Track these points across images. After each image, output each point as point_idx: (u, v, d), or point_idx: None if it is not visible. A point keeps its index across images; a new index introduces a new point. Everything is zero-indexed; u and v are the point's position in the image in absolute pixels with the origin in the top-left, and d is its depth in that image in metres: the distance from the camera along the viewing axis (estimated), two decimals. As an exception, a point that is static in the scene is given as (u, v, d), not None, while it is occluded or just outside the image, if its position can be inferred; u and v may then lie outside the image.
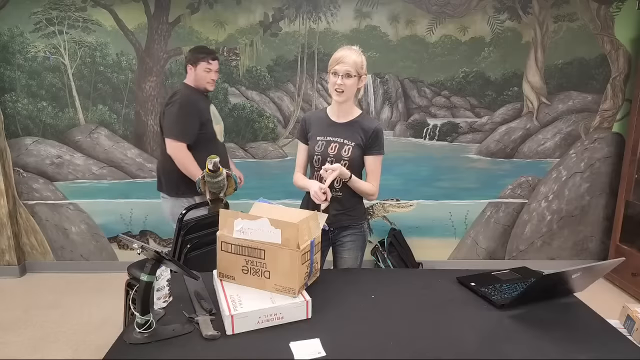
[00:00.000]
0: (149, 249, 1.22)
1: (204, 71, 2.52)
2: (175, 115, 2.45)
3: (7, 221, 3.37)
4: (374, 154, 1.89)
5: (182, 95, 2.50)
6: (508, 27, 3.22)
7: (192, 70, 2.54)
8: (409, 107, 3.41)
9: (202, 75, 2.53)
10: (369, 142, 1.86)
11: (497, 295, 1.51)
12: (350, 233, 1.96)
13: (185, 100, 2.47)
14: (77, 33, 3.19)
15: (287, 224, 1.34)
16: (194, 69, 2.53)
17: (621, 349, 1.25)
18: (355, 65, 1.77)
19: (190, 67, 2.54)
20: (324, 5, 3.17)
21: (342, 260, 1.99)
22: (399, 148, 3.42)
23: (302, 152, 2.00)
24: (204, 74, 2.53)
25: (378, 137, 1.87)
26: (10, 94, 3.28)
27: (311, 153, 1.91)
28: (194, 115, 2.48)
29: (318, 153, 1.87)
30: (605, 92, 3.33)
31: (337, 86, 1.77)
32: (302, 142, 1.99)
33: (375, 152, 1.88)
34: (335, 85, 1.77)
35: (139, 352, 1.19)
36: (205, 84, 2.56)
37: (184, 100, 2.47)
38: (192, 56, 2.54)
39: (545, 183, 3.50)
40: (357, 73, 1.79)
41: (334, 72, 1.78)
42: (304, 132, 1.97)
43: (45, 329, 2.71)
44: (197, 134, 2.49)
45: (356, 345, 1.24)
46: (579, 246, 3.60)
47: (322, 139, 1.89)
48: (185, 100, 2.47)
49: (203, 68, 2.52)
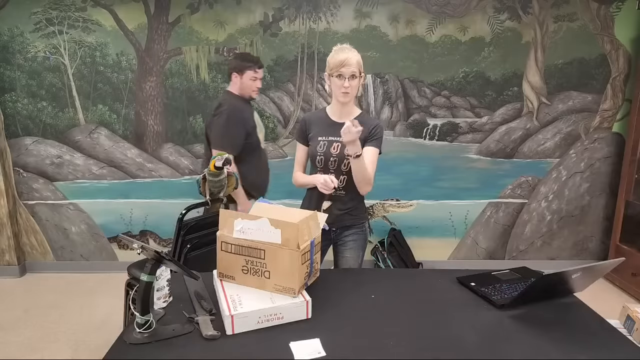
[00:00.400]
0: (149, 249, 1.22)
1: (250, 80, 2.51)
2: (222, 127, 2.44)
3: (7, 221, 3.37)
4: (372, 146, 1.88)
5: (228, 105, 2.48)
6: (508, 27, 3.22)
7: (237, 78, 2.52)
8: (409, 107, 3.41)
9: (248, 83, 2.52)
10: (370, 134, 1.87)
11: (497, 295, 1.51)
12: (352, 232, 1.97)
13: (232, 110, 2.46)
14: (77, 33, 3.19)
15: (287, 224, 1.34)
16: (239, 77, 2.51)
17: (621, 349, 1.25)
18: (358, 64, 1.79)
19: (235, 75, 2.52)
20: (324, 5, 3.18)
21: (343, 260, 1.99)
22: (399, 148, 3.42)
23: (301, 152, 2.00)
24: (250, 82, 2.51)
25: (377, 132, 1.88)
26: (10, 94, 3.28)
27: (313, 154, 1.91)
28: (240, 126, 2.47)
29: (320, 153, 1.88)
30: (605, 92, 3.33)
31: (345, 89, 1.78)
32: (301, 143, 1.99)
33: (374, 144, 1.88)
34: (342, 88, 1.78)
35: (139, 352, 1.19)
36: (250, 92, 2.56)
37: (231, 111, 2.45)
38: (238, 64, 2.52)
39: (545, 183, 3.50)
40: (360, 72, 1.81)
41: (339, 74, 1.78)
42: (304, 133, 1.96)
43: (45, 329, 2.71)
44: (243, 144, 2.48)
45: (356, 345, 1.24)
46: (579, 246, 3.60)
47: (323, 139, 1.89)
48: (232, 111, 2.46)
49: (249, 76, 2.50)
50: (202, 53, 3.25)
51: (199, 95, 3.32)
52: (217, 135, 2.46)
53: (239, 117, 2.48)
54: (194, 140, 3.41)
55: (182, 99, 3.33)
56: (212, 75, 3.29)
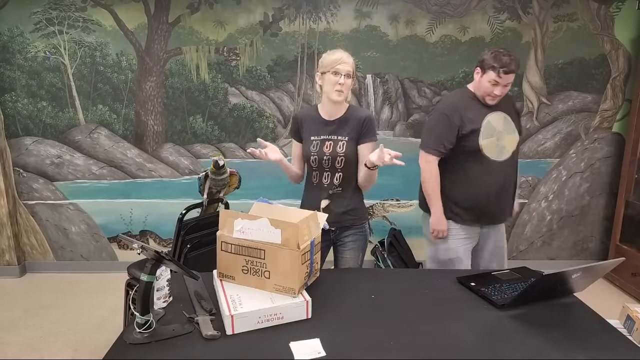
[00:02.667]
0: (149, 249, 1.22)
1: (489, 82, 1.97)
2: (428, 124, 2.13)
3: (7, 221, 3.37)
4: (367, 142, 1.89)
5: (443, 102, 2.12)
6: (508, 27, 3.22)
7: (478, 75, 2.04)
8: (409, 107, 3.41)
9: (485, 85, 1.99)
10: (362, 131, 1.87)
11: (497, 295, 1.51)
12: (352, 233, 1.97)
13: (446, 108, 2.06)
14: (77, 33, 3.19)
15: (287, 224, 1.34)
16: (480, 74, 2.02)
17: (621, 349, 1.25)
18: (353, 66, 1.82)
19: (477, 70, 2.04)
20: (324, 5, 3.17)
21: (343, 260, 1.99)
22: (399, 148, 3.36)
23: (297, 148, 2.01)
24: (487, 85, 1.98)
25: (370, 125, 1.89)
26: (10, 94, 3.28)
27: (307, 153, 1.91)
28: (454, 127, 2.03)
29: (314, 153, 1.88)
30: (605, 92, 3.33)
31: (340, 86, 1.78)
32: (295, 140, 2.00)
33: (368, 139, 1.89)
34: (337, 85, 1.78)
35: (139, 352, 1.19)
36: (485, 96, 2.03)
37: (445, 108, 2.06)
38: (483, 60, 2.00)
39: (545, 183, 3.50)
40: (354, 72, 1.83)
41: (334, 71, 1.78)
42: (297, 131, 1.97)
43: (45, 329, 2.71)
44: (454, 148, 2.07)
45: (356, 345, 1.24)
46: (579, 246, 3.60)
47: (316, 138, 1.89)
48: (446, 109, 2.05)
49: (489, 78, 1.96)
50: (202, 53, 3.25)
51: (199, 95, 3.32)
52: (423, 133, 2.14)
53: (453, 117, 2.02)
54: (194, 140, 3.41)
55: (182, 99, 3.33)
56: (212, 75, 3.29)
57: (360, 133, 1.87)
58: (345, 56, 1.80)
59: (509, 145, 2.05)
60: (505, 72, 1.90)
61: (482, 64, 1.99)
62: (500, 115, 2.03)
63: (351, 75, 1.80)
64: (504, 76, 1.91)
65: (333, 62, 1.78)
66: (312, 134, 1.90)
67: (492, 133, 2.01)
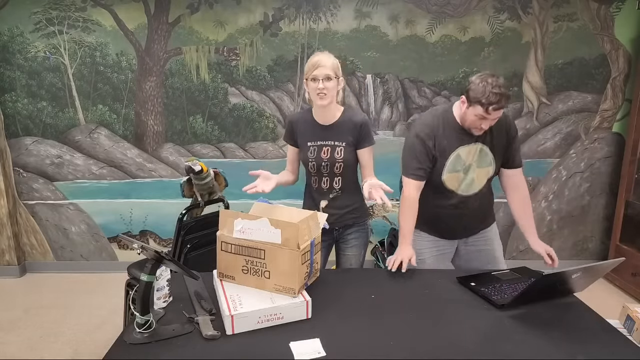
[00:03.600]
0: (149, 249, 1.22)
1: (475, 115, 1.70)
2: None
3: (7, 221, 3.37)
4: (366, 147, 1.88)
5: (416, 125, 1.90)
6: (508, 27, 3.22)
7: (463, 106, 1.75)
8: (409, 107, 3.41)
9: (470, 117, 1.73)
10: (359, 137, 1.86)
11: (497, 295, 1.51)
12: (355, 231, 1.98)
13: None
14: (77, 33, 3.19)
15: (287, 224, 1.34)
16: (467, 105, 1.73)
17: (621, 349, 1.25)
18: (333, 67, 1.76)
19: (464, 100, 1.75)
20: (324, 5, 3.17)
21: (345, 258, 2.00)
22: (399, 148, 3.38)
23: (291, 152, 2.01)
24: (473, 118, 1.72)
25: (366, 130, 1.87)
26: (10, 94, 3.28)
27: (305, 160, 1.91)
28: None
29: (312, 159, 1.87)
30: (605, 92, 3.33)
31: (319, 90, 1.75)
32: (290, 144, 1.99)
33: (366, 144, 1.88)
34: (317, 90, 1.75)
35: (139, 352, 1.19)
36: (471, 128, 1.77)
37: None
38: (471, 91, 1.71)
39: (545, 183, 3.50)
40: (336, 75, 1.77)
41: (313, 77, 1.75)
42: (292, 135, 1.96)
43: (45, 329, 2.71)
44: None
45: (356, 346, 1.24)
46: (579, 246, 3.60)
47: (313, 144, 1.88)
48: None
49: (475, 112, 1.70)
50: (202, 53, 3.25)
51: (199, 95, 3.32)
52: None
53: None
54: (194, 140, 3.41)
55: (182, 99, 3.33)
56: (212, 75, 3.29)
57: (357, 138, 1.86)
58: (323, 59, 1.75)
59: (480, 179, 1.85)
60: (495, 109, 1.66)
61: (469, 95, 1.71)
62: (474, 147, 1.79)
63: (332, 77, 1.75)
64: (492, 113, 1.66)
65: (311, 68, 1.76)
66: (308, 140, 1.89)
67: (459, 168, 1.81)
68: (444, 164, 1.81)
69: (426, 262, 1.95)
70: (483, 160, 1.82)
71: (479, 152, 1.81)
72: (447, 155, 1.80)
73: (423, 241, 1.95)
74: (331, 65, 1.75)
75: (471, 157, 1.81)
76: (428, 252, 1.96)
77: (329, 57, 1.77)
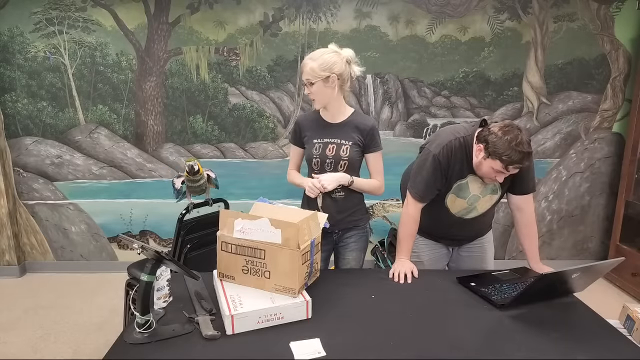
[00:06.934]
0: (149, 249, 1.22)
1: (491, 168, 1.62)
2: None
3: (7, 221, 3.37)
4: (373, 151, 1.90)
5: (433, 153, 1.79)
6: (508, 27, 3.22)
7: (480, 154, 1.64)
8: (409, 107, 3.41)
9: (487, 170, 1.65)
10: (367, 141, 1.87)
11: (497, 295, 1.51)
12: (354, 234, 1.97)
13: None
14: (77, 33, 3.19)
15: (287, 224, 1.34)
16: (484, 156, 1.62)
17: (621, 349, 1.25)
18: (312, 71, 1.74)
19: (481, 149, 1.63)
20: (324, 5, 3.17)
21: (344, 261, 1.99)
22: (399, 148, 3.42)
23: (296, 154, 2.00)
24: (489, 170, 1.64)
25: (375, 135, 1.89)
26: (10, 94, 3.28)
27: (309, 156, 1.90)
28: None
29: (316, 156, 1.87)
30: (605, 92, 3.33)
31: (308, 95, 1.80)
32: (295, 146, 1.99)
33: (374, 149, 1.90)
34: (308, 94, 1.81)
35: (139, 352, 1.19)
36: (484, 177, 1.73)
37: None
38: (491, 146, 1.58)
39: (545, 183, 3.50)
40: (318, 76, 1.74)
41: (303, 83, 1.81)
42: (298, 136, 1.96)
43: (45, 329, 2.71)
44: None
45: (356, 345, 1.24)
46: (579, 246, 3.60)
47: (318, 141, 1.88)
48: None
49: (492, 165, 1.61)
50: (202, 53, 3.25)
51: (199, 95, 3.32)
52: None
53: None
54: (194, 140, 3.41)
55: (182, 99, 3.33)
56: (212, 75, 3.29)
57: (365, 143, 1.87)
58: (306, 63, 1.75)
59: (482, 206, 1.82)
60: (516, 168, 1.56)
61: (488, 148, 1.56)
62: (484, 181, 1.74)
63: (312, 81, 1.74)
64: (512, 170, 1.57)
65: (301, 74, 1.81)
66: (315, 137, 1.89)
67: (464, 195, 1.77)
68: (450, 187, 1.77)
69: (424, 264, 1.97)
70: (488, 188, 1.79)
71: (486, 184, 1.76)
72: (456, 180, 1.76)
73: (420, 244, 1.97)
74: (309, 70, 1.74)
75: (476, 187, 1.77)
76: (425, 254, 1.99)
77: (311, 61, 1.75)
